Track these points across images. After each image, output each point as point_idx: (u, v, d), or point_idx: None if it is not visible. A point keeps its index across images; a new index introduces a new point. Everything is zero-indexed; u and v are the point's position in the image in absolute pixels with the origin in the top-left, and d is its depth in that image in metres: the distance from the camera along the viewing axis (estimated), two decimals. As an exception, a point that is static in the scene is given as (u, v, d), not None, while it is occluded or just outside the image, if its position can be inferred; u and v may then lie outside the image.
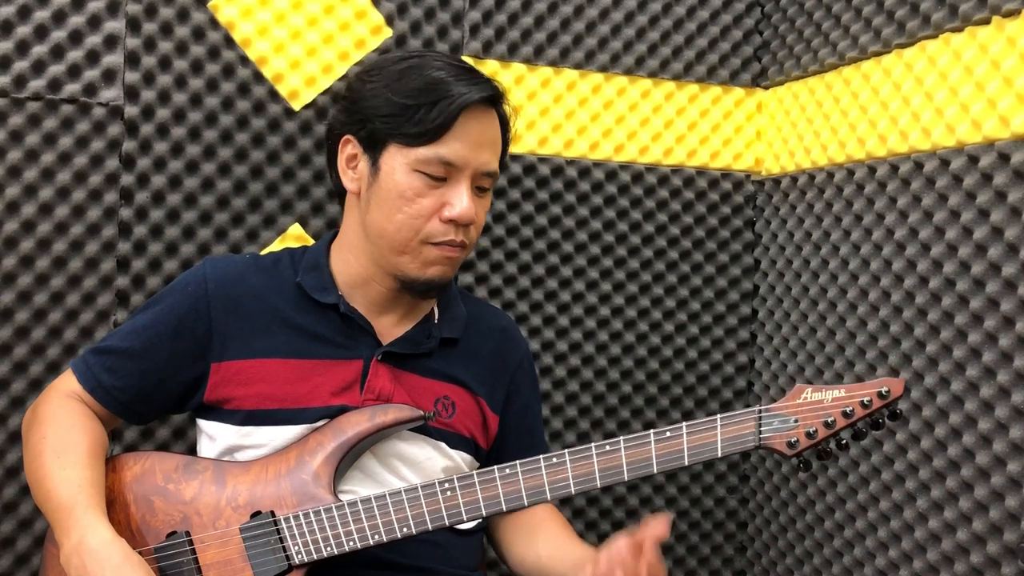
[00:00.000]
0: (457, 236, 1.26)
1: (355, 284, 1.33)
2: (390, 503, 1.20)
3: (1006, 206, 1.34)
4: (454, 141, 1.24)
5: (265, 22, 1.64)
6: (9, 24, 1.55)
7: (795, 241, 1.81)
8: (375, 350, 1.31)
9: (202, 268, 1.34)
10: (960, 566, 1.40)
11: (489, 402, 1.39)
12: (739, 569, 1.95)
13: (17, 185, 1.56)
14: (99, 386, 1.30)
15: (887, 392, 1.12)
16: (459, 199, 1.25)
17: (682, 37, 1.88)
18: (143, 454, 1.29)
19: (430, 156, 1.23)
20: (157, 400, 1.33)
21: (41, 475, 1.23)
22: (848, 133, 1.67)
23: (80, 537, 1.15)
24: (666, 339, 1.90)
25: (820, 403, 1.13)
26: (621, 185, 1.86)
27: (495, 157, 1.30)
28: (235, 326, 1.30)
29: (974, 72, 1.39)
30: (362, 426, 1.24)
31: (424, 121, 1.23)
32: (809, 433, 1.13)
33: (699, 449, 1.15)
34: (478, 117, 1.26)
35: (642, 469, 1.17)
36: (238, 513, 1.23)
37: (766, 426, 1.14)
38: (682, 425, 1.16)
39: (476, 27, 1.76)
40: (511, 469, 1.19)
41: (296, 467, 1.24)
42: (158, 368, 1.30)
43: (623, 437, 1.18)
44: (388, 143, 1.26)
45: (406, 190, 1.24)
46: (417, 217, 1.25)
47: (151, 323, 1.31)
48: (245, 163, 1.66)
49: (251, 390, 1.29)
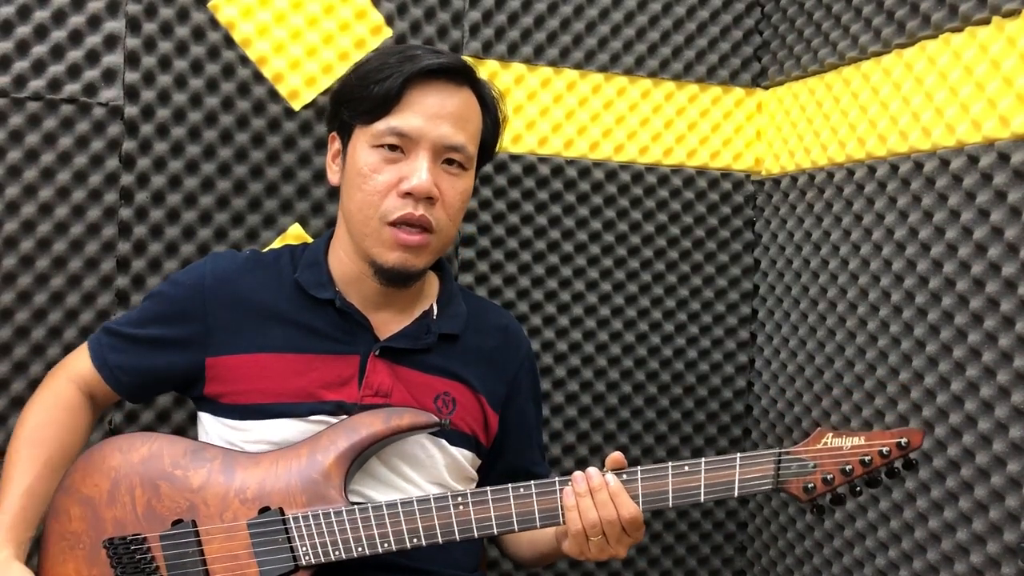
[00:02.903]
0: (416, 210, 1.25)
1: (350, 280, 1.33)
2: (401, 513, 1.20)
3: (1006, 206, 1.34)
4: (407, 111, 1.25)
5: (265, 22, 1.64)
6: (9, 24, 1.54)
7: (795, 241, 1.81)
8: (373, 345, 1.31)
9: (204, 263, 1.38)
10: (960, 566, 1.40)
11: (489, 400, 1.39)
12: (739, 569, 1.95)
13: (17, 185, 1.56)
14: (105, 364, 1.34)
15: (906, 444, 1.13)
16: (415, 171, 1.25)
17: (682, 37, 1.88)
18: (151, 436, 1.29)
19: (383, 129, 1.25)
20: (154, 385, 1.37)
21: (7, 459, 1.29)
22: (848, 133, 1.67)
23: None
24: (666, 339, 1.89)
25: (839, 450, 1.15)
26: (621, 185, 1.86)
27: (459, 131, 1.28)
28: (232, 322, 1.31)
29: (974, 72, 1.39)
30: (376, 428, 1.24)
31: (376, 95, 1.25)
32: (826, 479, 1.15)
33: (716, 487, 1.16)
34: (436, 89, 1.27)
35: (657, 502, 1.18)
36: (246, 507, 1.22)
37: (785, 469, 1.16)
38: (701, 460, 1.16)
39: (476, 27, 1.76)
40: (525, 489, 1.19)
41: (307, 464, 1.23)
42: (155, 356, 1.33)
43: (640, 468, 1.18)
44: (354, 127, 1.29)
45: (363, 167, 1.26)
46: (374, 193, 1.26)
47: (154, 313, 1.35)
48: (245, 163, 1.66)
49: (247, 385, 1.29)
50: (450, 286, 1.42)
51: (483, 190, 1.78)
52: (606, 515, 1.15)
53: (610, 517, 1.15)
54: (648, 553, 1.89)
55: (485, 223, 1.78)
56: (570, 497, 1.17)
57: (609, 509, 1.15)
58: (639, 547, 1.88)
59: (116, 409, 1.61)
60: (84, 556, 1.25)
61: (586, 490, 1.16)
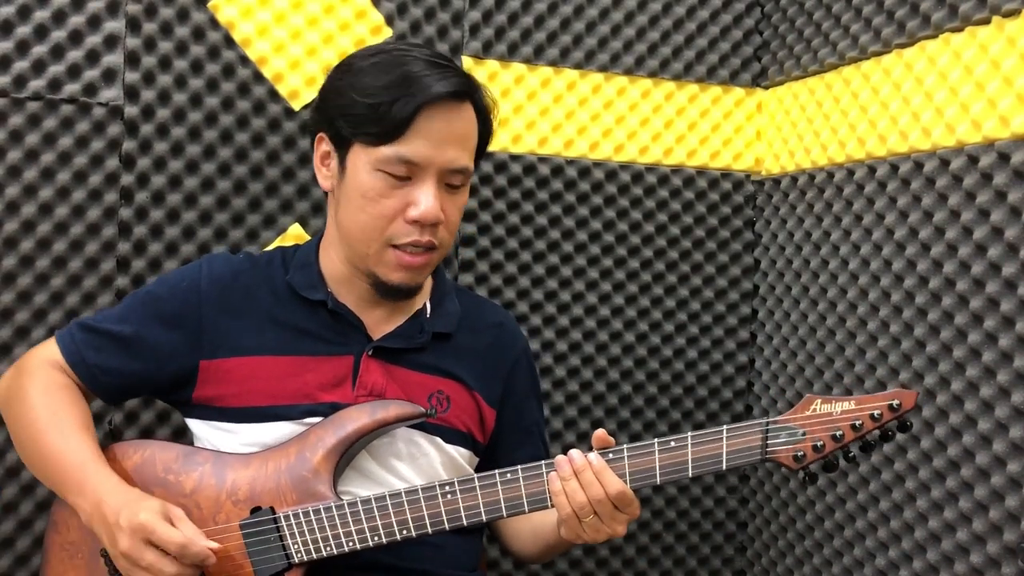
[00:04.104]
0: (423, 237, 1.24)
1: (341, 281, 1.33)
2: (390, 505, 1.20)
3: (1006, 206, 1.34)
4: (416, 139, 1.21)
5: (265, 22, 1.64)
6: (9, 24, 1.54)
7: (795, 241, 1.81)
8: (366, 345, 1.31)
9: (199, 266, 1.36)
10: (960, 566, 1.40)
11: (485, 397, 1.39)
12: (739, 569, 1.95)
13: (17, 185, 1.56)
14: (82, 362, 1.30)
15: (898, 405, 1.10)
16: (424, 198, 1.22)
17: (682, 37, 1.88)
18: (143, 443, 1.30)
19: (391, 155, 1.21)
20: (135, 387, 1.34)
21: (40, 445, 1.25)
22: (848, 133, 1.67)
23: (94, 494, 1.18)
24: (666, 339, 1.89)
25: (829, 415, 1.11)
26: (621, 185, 1.86)
27: (463, 153, 1.26)
28: (226, 325, 1.31)
29: (974, 72, 1.39)
30: (363, 421, 1.24)
31: (384, 120, 1.20)
32: (816, 447, 1.12)
33: (703, 461, 1.14)
34: (443, 112, 1.23)
35: (646, 479, 1.16)
36: (238, 508, 1.23)
37: (773, 439, 1.13)
38: (687, 435, 1.15)
39: (476, 27, 1.76)
40: (512, 474, 1.19)
41: (296, 462, 1.24)
42: (144, 358, 1.30)
43: (626, 445, 1.16)
44: (353, 142, 1.24)
45: (368, 190, 1.23)
46: (380, 218, 1.23)
47: (143, 313, 1.32)
48: (245, 163, 1.66)
49: (241, 387, 1.29)
50: (443, 284, 1.41)
51: (483, 190, 1.78)
52: (593, 494, 1.14)
53: (598, 496, 1.14)
54: (648, 553, 1.89)
55: (485, 223, 1.78)
56: (556, 482, 1.16)
57: (596, 488, 1.14)
58: (639, 547, 1.88)
59: (116, 409, 1.61)
60: (83, 565, 1.26)
61: (570, 473, 1.15)
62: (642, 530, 1.88)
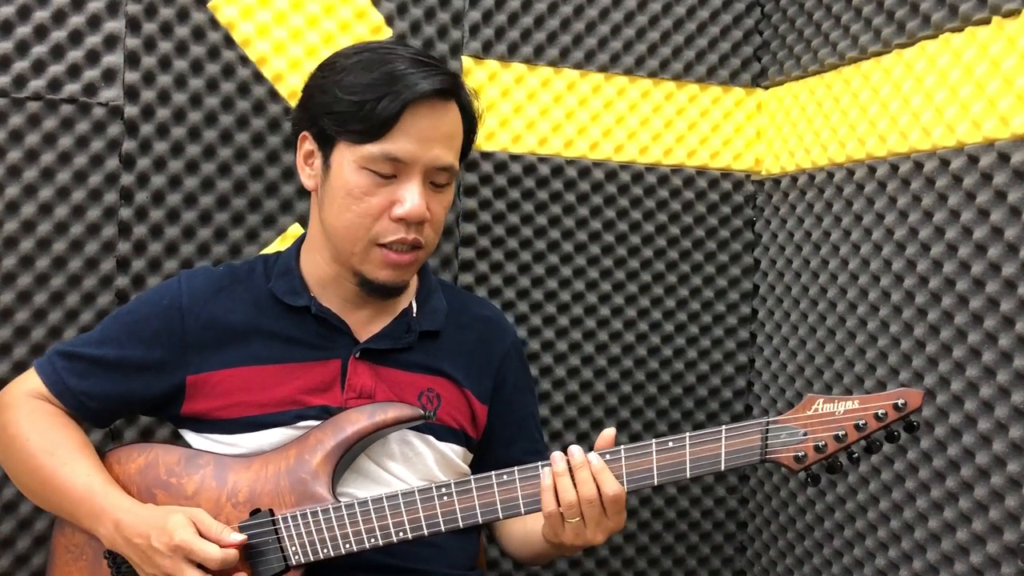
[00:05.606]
0: (409, 234, 1.24)
1: (325, 283, 1.32)
2: (387, 507, 1.20)
3: (1006, 206, 1.34)
4: (401, 137, 1.21)
5: (265, 22, 1.64)
6: (9, 24, 1.54)
7: (795, 241, 1.81)
8: (352, 348, 1.31)
9: (177, 282, 1.34)
10: (960, 566, 1.40)
11: (476, 393, 1.38)
12: (739, 569, 1.95)
13: (17, 185, 1.56)
14: (66, 390, 1.29)
15: (903, 404, 1.06)
16: (409, 196, 1.22)
17: (682, 37, 1.88)
18: (146, 446, 1.30)
19: (376, 153, 1.21)
20: (123, 409, 1.34)
21: (41, 476, 1.25)
22: (848, 133, 1.67)
23: (112, 519, 1.19)
24: (666, 339, 1.90)
25: (831, 415, 1.08)
26: (621, 185, 1.86)
27: (448, 150, 1.25)
28: (211, 339, 1.30)
29: (974, 72, 1.39)
30: (362, 424, 1.24)
31: (368, 118, 1.20)
32: (818, 447, 1.09)
33: (702, 462, 1.13)
34: (428, 110, 1.22)
35: (643, 480, 1.15)
36: (238, 510, 1.23)
37: (773, 439, 1.11)
38: (685, 436, 1.14)
39: (476, 27, 1.76)
40: (509, 475, 1.18)
41: (296, 464, 1.24)
42: (129, 379, 1.29)
43: (624, 446, 1.15)
44: (337, 140, 1.24)
45: (353, 188, 1.22)
46: (365, 216, 1.23)
47: (124, 334, 1.30)
48: (245, 163, 1.66)
49: (230, 399, 1.29)
50: (428, 282, 1.41)
51: (483, 190, 1.78)
52: (586, 493, 1.13)
53: (590, 496, 1.13)
54: (648, 553, 1.89)
55: (485, 223, 1.78)
56: (547, 477, 1.15)
57: (590, 487, 1.13)
58: (639, 547, 1.88)
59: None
60: (87, 567, 1.26)
61: (565, 469, 1.14)
62: (642, 530, 1.88)
